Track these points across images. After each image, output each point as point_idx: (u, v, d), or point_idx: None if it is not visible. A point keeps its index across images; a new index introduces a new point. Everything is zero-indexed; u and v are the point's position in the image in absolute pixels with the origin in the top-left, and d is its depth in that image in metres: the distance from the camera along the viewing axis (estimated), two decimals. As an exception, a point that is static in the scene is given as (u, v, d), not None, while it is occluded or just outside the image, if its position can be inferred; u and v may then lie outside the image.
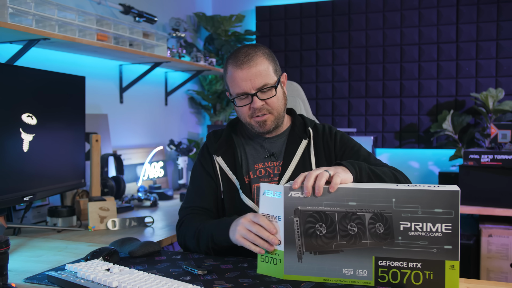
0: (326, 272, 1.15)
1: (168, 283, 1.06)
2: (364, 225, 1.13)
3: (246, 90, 1.43)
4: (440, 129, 3.22)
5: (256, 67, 1.43)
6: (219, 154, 1.56)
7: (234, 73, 1.44)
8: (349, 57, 3.58)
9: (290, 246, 1.18)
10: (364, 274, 1.13)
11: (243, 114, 1.49)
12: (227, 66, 1.48)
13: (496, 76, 3.27)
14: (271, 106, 1.47)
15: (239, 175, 1.52)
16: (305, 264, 1.16)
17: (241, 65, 1.43)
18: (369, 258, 1.13)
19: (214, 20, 3.62)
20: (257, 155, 1.56)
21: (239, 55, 1.45)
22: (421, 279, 1.10)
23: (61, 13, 2.08)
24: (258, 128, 1.49)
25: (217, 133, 1.62)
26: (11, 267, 1.22)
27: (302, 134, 1.56)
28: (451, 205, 1.09)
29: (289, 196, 1.18)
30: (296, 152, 1.53)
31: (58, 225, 1.93)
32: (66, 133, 1.98)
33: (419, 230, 1.10)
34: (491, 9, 3.26)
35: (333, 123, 3.61)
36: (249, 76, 1.42)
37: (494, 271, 2.64)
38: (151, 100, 3.19)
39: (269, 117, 1.48)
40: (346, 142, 1.58)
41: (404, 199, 1.12)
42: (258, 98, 1.44)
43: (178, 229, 1.53)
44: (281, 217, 1.19)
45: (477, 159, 2.69)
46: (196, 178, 1.59)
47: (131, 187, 2.78)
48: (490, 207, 2.66)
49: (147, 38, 2.62)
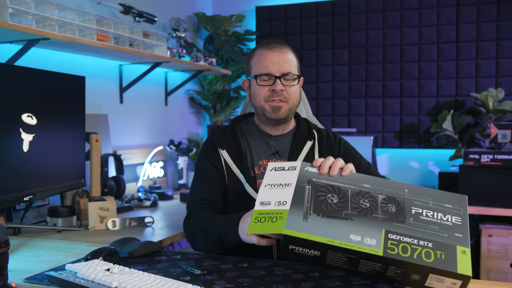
0: (331, 235, 1.05)
1: (168, 283, 1.06)
2: (377, 202, 1.13)
3: (271, 71, 1.49)
4: (440, 129, 3.22)
5: (286, 54, 1.52)
6: (224, 148, 1.57)
7: (263, 54, 1.51)
8: (349, 57, 3.58)
9: (297, 206, 1.11)
10: (372, 243, 1.04)
11: (259, 96, 1.52)
12: (255, 51, 1.55)
13: (496, 76, 3.27)
14: (289, 95, 1.52)
15: (244, 168, 1.53)
16: (310, 223, 1.07)
17: (273, 48, 1.51)
18: (379, 229, 1.07)
19: (214, 20, 3.62)
20: (262, 152, 1.57)
21: (272, 43, 1.53)
22: (432, 257, 1.03)
23: (61, 13, 2.08)
24: (271, 113, 1.52)
25: (221, 128, 1.64)
26: (11, 267, 1.21)
27: (307, 136, 1.60)
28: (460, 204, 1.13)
29: (305, 169, 1.20)
30: (301, 151, 1.56)
31: (58, 225, 1.93)
32: (66, 133, 1.98)
33: (430, 216, 1.11)
34: (491, 9, 3.26)
35: (333, 123, 3.61)
36: (278, 59, 1.50)
37: (494, 271, 2.64)
38: (151, 100, 3.19)
39: (284, 105, 1.52)
40: (349, 150, 1.62)
41: (416, 192, 1.15)
42: (280, 82, 1.49)
43: (186, 225, 1.52)
44: (293, 184, 1.16)
45: (477, 159, 2.69)
46: (203, 171, 1.58)
47: (131, 187, 2.78)
48: (490, 207, 2.66)
49: (147, 38, 2.62)
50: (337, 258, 1.06)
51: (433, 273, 1.02)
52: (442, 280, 1.02)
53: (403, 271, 1.04)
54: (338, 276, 1.18)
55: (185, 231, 1.52)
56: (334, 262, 1.07)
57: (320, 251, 1.06)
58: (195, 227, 1.46)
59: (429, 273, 1.02)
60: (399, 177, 3.49)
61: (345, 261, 1.06)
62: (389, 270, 1.05)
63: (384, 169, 3.54)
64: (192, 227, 1.48)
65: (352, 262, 1.06)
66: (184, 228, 1.53)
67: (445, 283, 1.03)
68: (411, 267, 1.03)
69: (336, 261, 1.07)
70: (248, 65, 1.57)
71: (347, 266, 1.07)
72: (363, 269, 1.06)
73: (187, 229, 1.51)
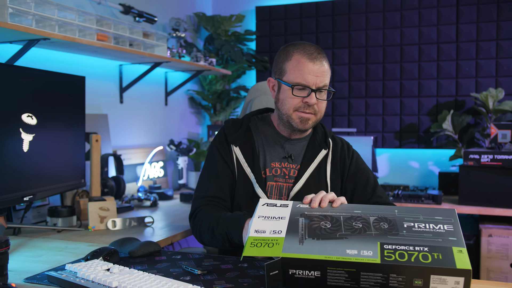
0: (328, 252, 1.08)
1: (168, 283, 1.06)
2: (369, 223, 1.16)
3: (309, 83, 1.45)
4: (440, 129, 3.22)
5: (325, 66, 1.48)
6: (237, 145, 1.54)
7: (304, 63, 1.45)
8: (349, 57, 3.58)
9: (292, 234, 1.15)
10: (369, 254, 1.07)
11: (290, 104, 1.48)
12: (292, 53, 1.48)
13: (496, 76, 3.27)
14: (319, 108, 1.50)
15: (255, 168, 1.51)
16: (306, 246, 1.11)
17: (314, 59, 1.46)
18: (374, 243, 1.09)
19: (214, 20, 3.62)
20: (275, 154, 1.56)
21: (311, 49, 1.47)
22: (430, 258, 1.05)
23: (61, 13, 2.08)
24: (298, 124, 1.49)
25: (236, 122, 1.60)
26: (11, 267, 1.22)
27: (322, 144, 1.59)
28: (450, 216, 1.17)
29: (297, 206, 1.25)
30: (314, 159, 1.55)
31: (58, 225, 1.93)
32: (66, 133, 1.98)
33: (422, 227, 1.13)
34: (491, 9, 3.26)
35: (333, 123, 3.61)
36: (318, 72, 1.46)
37: (494, 271, 2.64)
38: (151, 100, 3.19)
39: (312, 117, 1.50)
40: (360, 165, 1.62)
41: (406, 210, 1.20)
42: (315, 95, 1.46)
43: (192, 221, 1.51)
44: (286, 217, 1.20)
45: (477, 159, 2.69)
46: (213, 165, 1.56)
47: (131, 187, 2.78)
48: (490, 207, 2.66)
49: (147, 38, 2.62)
50: (338, 275, 1.07)
51: (434, 274, 1.02)
52: (445, 280, 1.02)
53: (404, 278, 1.04)
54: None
55: (192, 228, 1.52)
56: (336, 281, 1.08)
57: (320, 271, 1.07)
58: (201, 224, 1.46)
59: (430, 274, 1.02)
60: (399, 177, 3.49)
61: (347, 278, 1.07)
62: (390, 280, 1.05)
63: (384, 169, 3.54)
64: (198, 224, 1.47)
65: (353, 277, 1.07)
66: (191, 224, 1.53)
67: (449, 284, 1.02)
68: (411, 272, 1.03)
69: (338, 280, 1.08)
70: (281, 66, 1.50)
71: (349, 284, 1.08)
72: (365, 284, 1.07)
73: (194, 226, 1.50)
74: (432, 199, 2.78)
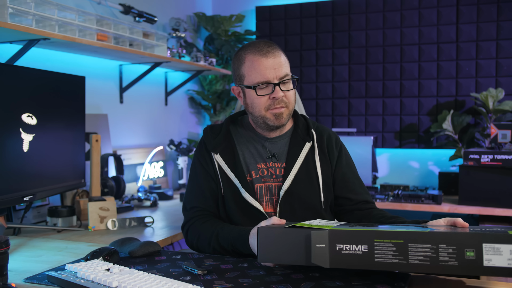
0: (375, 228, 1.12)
1: (168, 283, 1.06)
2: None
3: (269, 79, 1.43)
4: (440, 129, 3.22)
5: (280, 57, 1.45)
6: (217, 152, 1.52)
7: (257, 61, 1.43)
8: (349, 57, 3.58)
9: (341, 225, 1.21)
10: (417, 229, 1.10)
11: (259, 106, 1.46)
12: (244, 56, 1.46)
13: (496, 76, 3.27)
14: (288, 99, 1.48)
15: (239, 173, 1.50)
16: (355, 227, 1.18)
17: (266, 54, 1.43)
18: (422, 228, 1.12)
19: (214, 20, 3.62)
20: (258, 155, 1.54)
21: (260, 46, 1.45)
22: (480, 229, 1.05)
23: (61, 13, 2.08)
24: (274, 121, 1.47)
25: (214, 128, 1.59)
26: (11, 267, 1.22)
27: (305, 137, 1.55)
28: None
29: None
30: (299, 154, 1.52)
31: (58, 225, 1.93)
32: (66, 133, 1.98)
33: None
34: (491, 9, 3.26)
35: (333, 123, 3.61)
36: (274, 64, 1.43)
37: (494, 271, 2.63)
38: (151, 100, 3.19)
39: (285, 110, 1.47)
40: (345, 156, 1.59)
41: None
42: (280, 88, 1.44)
43: (186, 234, 1.51)
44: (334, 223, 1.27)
45: (477, 159, 2.69)
46: (195, 177, 1.56)
47: (131, 187, 2.78)
48: (490, 207, 2.66)
49: (147, 38, 2.62)
50: (385, 250, 1.03)
51: (486, 242, 0.96)
52: (499, 250, 0.96)
53: (455, 249, 0.99)
54: (338, 276, 1.18)
55: (186, 240, 1.52)
56: (383, 257, 1.03)
57: (367, 244, 1.04)
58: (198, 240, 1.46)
59: (482, 243, 0.97)
60: (399, 177, 3.49)
61: (394, 252, 1.02)
62: (440, 252, 1.00)
63: (384, 169, 3.54)
64: (195, 240, 1.47)
65: (401, 250, 1.02)
66: (184, 235, 1.53)
67: (504, 255, 0.96)
68: (462, 240, 0.98)
69: (385, 255, 1.03)
70: (239, 72, 1.49)
71: (397, 260, 1.02)
72: (414, 258, 1.01)
73: (188, 240, 1.51)
74: (432, 199, 2.78)
